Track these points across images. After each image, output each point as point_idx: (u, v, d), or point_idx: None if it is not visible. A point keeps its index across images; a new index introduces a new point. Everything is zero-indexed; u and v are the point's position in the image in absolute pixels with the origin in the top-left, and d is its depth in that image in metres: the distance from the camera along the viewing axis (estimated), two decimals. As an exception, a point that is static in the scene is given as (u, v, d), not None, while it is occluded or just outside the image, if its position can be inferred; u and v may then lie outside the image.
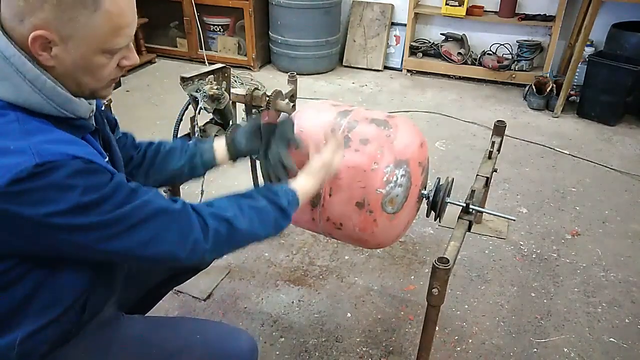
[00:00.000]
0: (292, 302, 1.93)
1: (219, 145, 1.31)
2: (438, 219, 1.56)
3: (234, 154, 1.32)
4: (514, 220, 1.63)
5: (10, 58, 0.83)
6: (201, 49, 4.26)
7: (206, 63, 4.00)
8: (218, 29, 4.32)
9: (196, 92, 1.58)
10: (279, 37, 4.10)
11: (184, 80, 1.57)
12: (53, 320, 0.96)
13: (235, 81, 3.79)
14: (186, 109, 1.70)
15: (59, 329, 0.98)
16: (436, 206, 1.52)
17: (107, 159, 0.98)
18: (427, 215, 1.56)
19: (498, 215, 1.59)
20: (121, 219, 0.86)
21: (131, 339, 1.02)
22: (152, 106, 3.50)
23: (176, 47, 4.39)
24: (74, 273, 0.95)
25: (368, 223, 1.40)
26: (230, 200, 1.03)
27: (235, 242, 1.00)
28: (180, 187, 1.68)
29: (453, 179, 1.58)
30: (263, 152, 1.29)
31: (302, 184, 1.18)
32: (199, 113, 1.63)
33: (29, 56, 0.84)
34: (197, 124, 1.68)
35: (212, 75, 1.63)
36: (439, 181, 1.53)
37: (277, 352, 1.72)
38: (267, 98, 1.86)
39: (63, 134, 0.86)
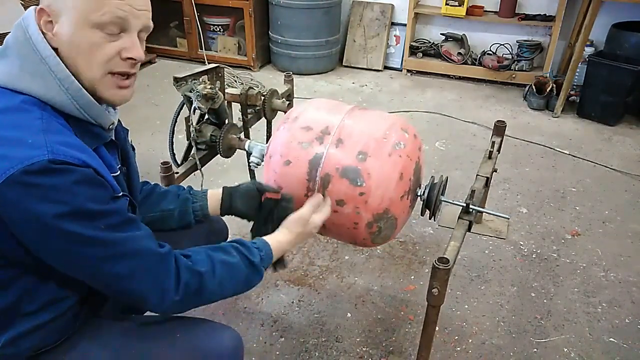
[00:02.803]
0: (292, 302, 1.93)
1: (213, 196, 1.34)
2: (433, 218, 1.57)
3: (227, 211, 1.35)
4: (508, 218, 1.62)
5: (46, 58, 0.89)
6: (201, 49, 4.26)
7: (206, 63, 3.99)
8: (218, 29, 4.32)
9: (190, 92, 1.58)
10: (279, 37, 4.10)
11: (177, 80, 1.57)
12: (41, 326, 0.96)
13: (235, 81, 3.79)
14: (181, 109, 1.70)
15: (47, 335, 0.98)
16: (430, 205, 1.52)
17: (118, 172, 1.01)
18: (422, 214, 1.55)
19: (491, 214, 1.59)
20: (108, 244, 0.88)
21: (110, 340, 1.02)
22: (152, 106, 3.50)
23: (176, 47, 4.39)
24: (68, 281, 0.95)
25: (365, 247, 1.56)
26: (206, 254, 1.04)
27: (203, 298, 1.01)
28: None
29: (447, 177, 1.59)
30: (258, 226, 1.33)
31: (278, 239, 1.20)
32: (193, 113, 1.63)
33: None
34: (192, 123, 1.68)
35: (205, 75, 1.63)
36: (433, 180, 1.53)
37: (277, 352, 1.72)
38: (263, 97, 1.86)
39: (78, 141, 0.89)
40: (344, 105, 1.54)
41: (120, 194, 0.94)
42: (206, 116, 1.73)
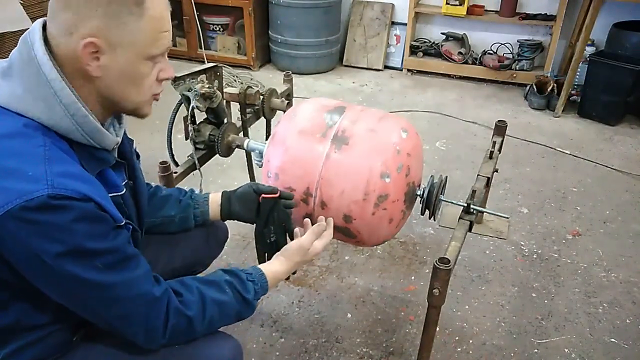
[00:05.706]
0: (292, 302, 1.92)
1: (214, 201, 1.33)
2: (433, 218, 1.56)
3: (227, 216, 1.34)
4: (508, 218, 1.61)
5: (51, 82, 0.85)
6: (201, 48, 4.24)
7: (206, 62, 3.97)
8: (218, 29, 4.31)
9: (188, 91, 1.57)
10: (279, 37, 4.09)
11: (175, 79, 1.56)
12: (41, 339, 0.95)
13: (235, 80, 3.78)
14: (178, 108, 1.69)
15: (47, 347, 0.97)
16: (430, 205, 1.51)
17: (124, 191, 1.01)
18: (422, 214, 1.55)
19: (492, 214, 1.59)
20: (103, 287, 0.87)
21: (109, 351, 1.01)
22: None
23: (175, 46, 4.38)
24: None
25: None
26: (199, 292, 1.01)
27: (189, 338, 1.01)
28: (177, 186, 1.66)
29: (447, 177, 1.58)
30: (260, 228, 1.31)
31: (275, 269, 1.17)
32: (191, 112, 1.62)
33: (68, 78, 0.86)
34: (189, 123, 1.67)
35: (204, 74, 1.62)
36: (433, 180, 1.53)
37: (277, 353, 1.71)
38: (262, 97, 1.85)
39: (80, 170, 0.87)
40: (321, 140, 1.42)
41: (123, 222, 0.92)
42: (196, 114, 1.72)
